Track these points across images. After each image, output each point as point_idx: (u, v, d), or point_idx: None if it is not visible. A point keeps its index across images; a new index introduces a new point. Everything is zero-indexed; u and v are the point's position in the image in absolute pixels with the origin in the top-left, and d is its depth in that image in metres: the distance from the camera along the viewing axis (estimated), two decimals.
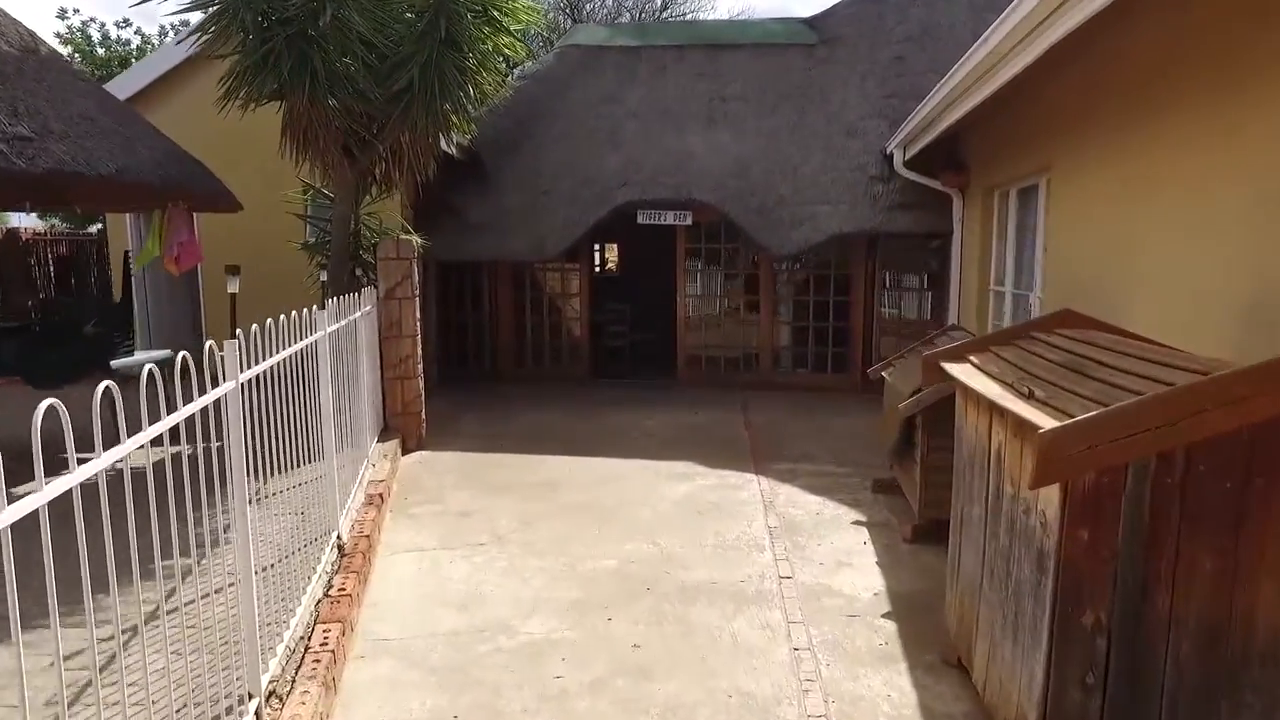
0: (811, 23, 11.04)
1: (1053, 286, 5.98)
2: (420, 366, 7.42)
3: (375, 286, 7.14)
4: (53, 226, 18.37)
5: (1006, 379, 3.12)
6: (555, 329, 10.97)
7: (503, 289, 10.79)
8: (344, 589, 4.01)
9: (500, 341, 10.85)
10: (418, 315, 7.33)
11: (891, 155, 9.27)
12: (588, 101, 10.74)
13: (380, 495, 5.52)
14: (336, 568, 4.31)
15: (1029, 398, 2.79)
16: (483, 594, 4.38)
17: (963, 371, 3.45)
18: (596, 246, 14.19)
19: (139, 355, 7.58)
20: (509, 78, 10.25)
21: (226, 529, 3.05)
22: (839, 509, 5.75)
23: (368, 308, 6.49)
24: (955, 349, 3.73)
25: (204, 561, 2.94)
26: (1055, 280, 5.94)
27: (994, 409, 3.00)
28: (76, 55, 19.98)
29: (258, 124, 7.04)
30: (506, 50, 7.39)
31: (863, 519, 5.54)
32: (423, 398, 7.45)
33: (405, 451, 7.20)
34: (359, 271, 7.54)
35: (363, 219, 7.66)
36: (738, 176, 9.78)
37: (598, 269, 14.76)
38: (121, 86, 9.67)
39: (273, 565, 3.45)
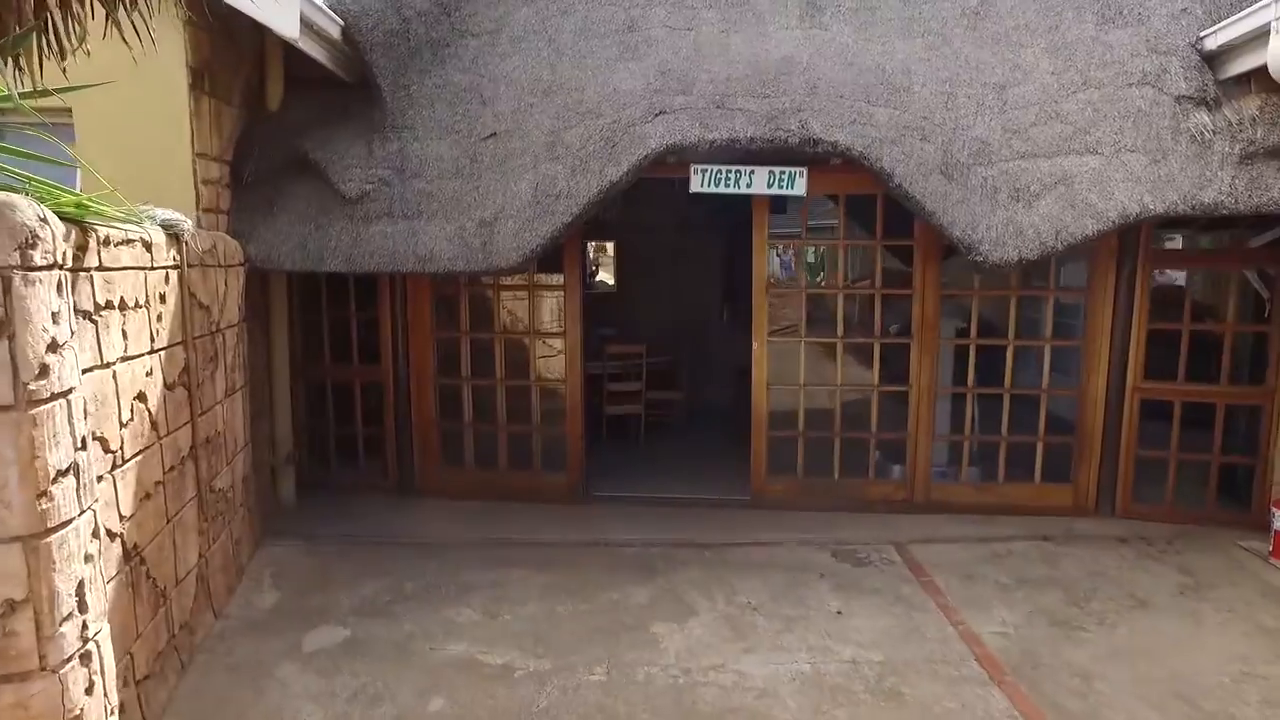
0: None
1: None
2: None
3: None
4: None
5: None
6: (518, 398, 5.90)
7: (418, 326, 5.70)
8: None
9: (415, 424, 5.76)
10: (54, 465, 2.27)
11: (1226, 52, 4.44)
12: None
13: None
14: None
15: None
16: None
17: None
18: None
19: None
20: None
21: None
22: None
23: None
24: None
25: None
26: None
27: None
28: None
29: None
30: None
31: None
32: None
33: None
34: None
35: None
36: (886, 103, 4.85)
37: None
38: None
39: None
